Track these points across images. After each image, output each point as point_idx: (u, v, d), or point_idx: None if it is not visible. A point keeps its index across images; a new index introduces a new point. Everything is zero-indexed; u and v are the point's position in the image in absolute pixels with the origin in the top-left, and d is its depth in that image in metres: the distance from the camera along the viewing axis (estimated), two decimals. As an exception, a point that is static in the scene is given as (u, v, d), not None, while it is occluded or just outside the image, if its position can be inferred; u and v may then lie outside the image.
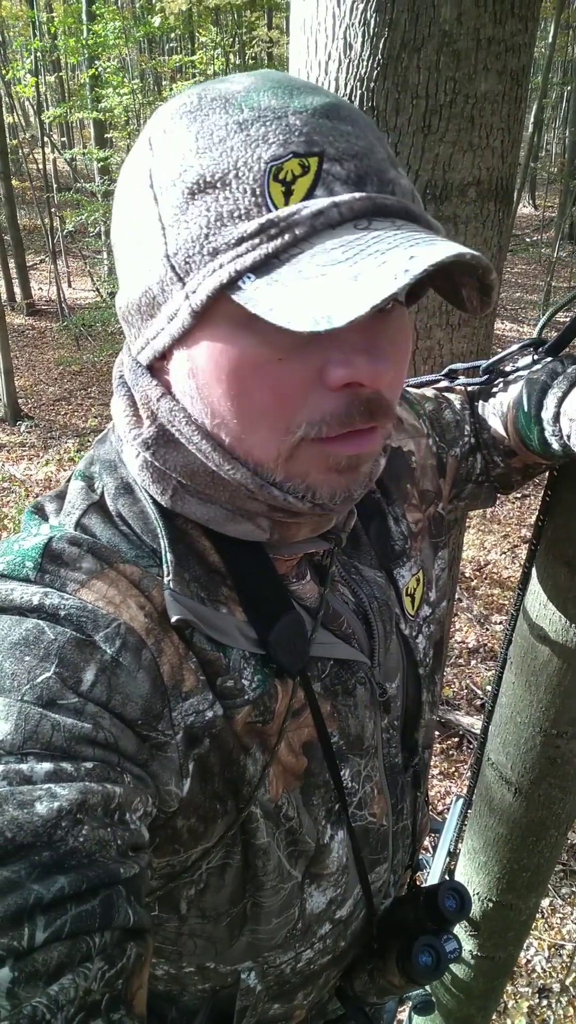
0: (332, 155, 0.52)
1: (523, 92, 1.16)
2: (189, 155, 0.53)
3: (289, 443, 0.57)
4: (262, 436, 0.58)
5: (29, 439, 8.07)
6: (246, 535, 0.65)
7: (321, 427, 0.56)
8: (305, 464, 0.59)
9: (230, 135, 0.53)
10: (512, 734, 1.17)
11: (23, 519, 0.68)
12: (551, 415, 0.80)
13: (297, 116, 0.53)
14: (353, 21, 1.08)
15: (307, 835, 0.72)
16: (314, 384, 0.55)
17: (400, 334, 0.59)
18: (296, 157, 0.52)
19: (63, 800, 0.49)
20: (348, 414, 0.56)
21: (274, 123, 0.52)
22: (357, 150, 0.53)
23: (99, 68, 11.07)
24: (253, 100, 0.54)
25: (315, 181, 0.52)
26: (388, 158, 0.56)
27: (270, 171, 0.51)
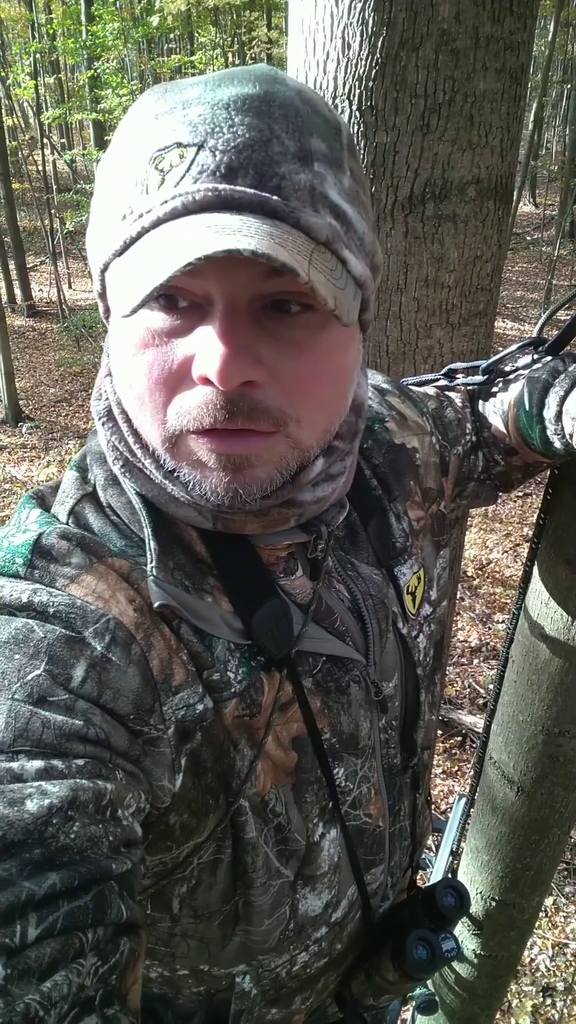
0: (210, 145, 0.52)
1: (522, 90, 1.16)
2: (115, 142, 0.59)
3: (168, 431, 0.58)
4: (148, 419, 0.59)
5: (30, 440, 8.08)
6: (190, 519, 0.65)
7: (184, 419, 0.57)
8: (186, 455, 0.59)
9: (143, 125, 0.56)
10: (514, 733, 1.17)
11: (18, 505, 0.69)
12: (553, 414, 0.79)
13: (200, 107, 0.53)
14: (351, 20, 1.08)
15: (296, 832, 0.72)
16: (185, 374, 0.56)
17: (308, 338, 0.57)
18: (179, 147, 0.53)
19: (54, 797, 0.49)
20: (205, 410, 0.55)
21: (178, 113, 0.54)
22: (241, 142, 0.52)
23: (98, 69, 11.07)
24: (182, 92, 0.55)
25: (186, 172, 0.52)
26: (295, 152, 0.54)
27: (153, 159, 0.53)
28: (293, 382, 0.57)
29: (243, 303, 0.54)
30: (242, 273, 0.52)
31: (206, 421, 0.56)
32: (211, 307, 0.54)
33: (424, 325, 1.27)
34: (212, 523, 0.65)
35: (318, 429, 0.62)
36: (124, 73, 11.99)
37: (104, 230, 0.57)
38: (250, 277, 0.53)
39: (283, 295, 0.55)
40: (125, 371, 0.59)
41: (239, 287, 0.53)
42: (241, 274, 0.52)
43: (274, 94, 0.54)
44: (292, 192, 0.53)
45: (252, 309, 0.55)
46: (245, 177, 0.52)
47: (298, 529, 0.70)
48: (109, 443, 0.66)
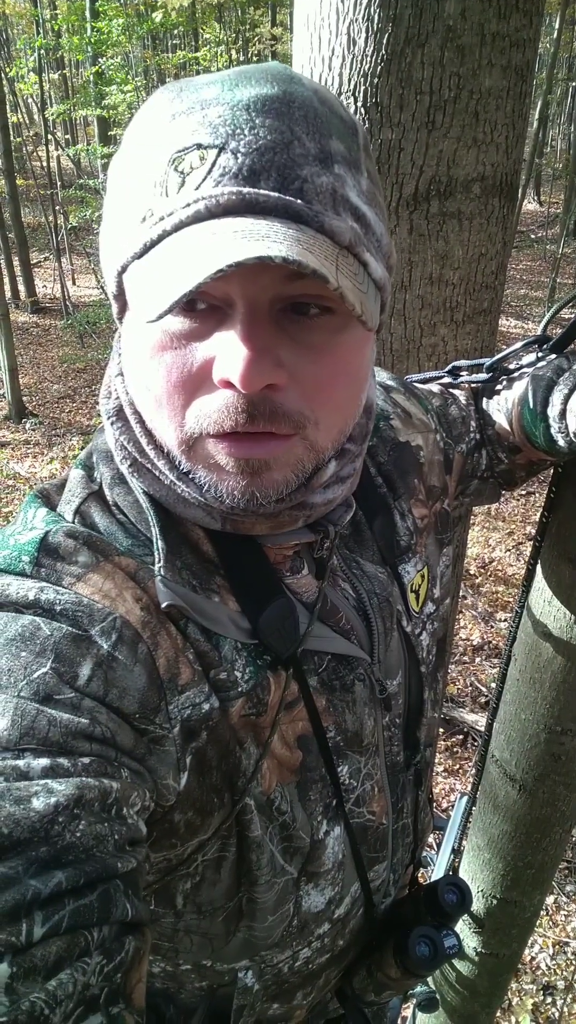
0: (232, 148, 0.52)
1: (527, 87, 1.16)
2: (129, 143, 0.58)
3: (186, 433, 0.58)
4: (164, 421, 0.59)
5: (34, 437, 8.09)
6: (199, 520, 0.65)
7: (203, 422, 0.56)
8: (203, 459, 0.59)
9: (159, 126, 0.55)
10: (516, 731, 1.17)
11: (23, 503, 0.69)
12: (557, 412, 0.79)
13: (219, 108, 0.53)
14: (357, 16, 1.08)
15: (301, 830, 0.72)
16: (205, 377, 0.55)
17: (326, 341, 0.57)
18: (199, 149, 0.52)
19: (60, 795, 0.49)
20: (226, 413, 0.55)
21: (196, 114, 0.53)
22: (263, 144, 0.52)
23: (102, 65, 11.06)
24: (198, 92, 0.55)
25: (207, 174, 0.52)
26: (315, 154, 0.53)
27: (172, 161, 0.53)
28: (312, 385, 0.57)
29: (264, 306, 0.54)
30: (265, 276, 0.52)
31: (227, 425, 0.55)
32: (231, 310, 0.53)
33: (428, 323, 1.26)
34: (221, 524, 0.65)
35: (334, 431, 0.62)
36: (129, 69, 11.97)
37: (121, 231, 0.56)
38: (272, 280, 0.52)
39: (303, 298, 0.55)
40: (141, 373, 0.59)
41: (261, 290, 0.53)
42: (264, 277, 0.52)
43: (293, 94, 0.54)
44: (314, 195, 0.53)
45: (272, 312, 0.54)
46: (268, 180, 0.52)
47: (306, 529, 0.70)
48: (118, 442, 0.66)
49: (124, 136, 0.59)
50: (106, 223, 0.60)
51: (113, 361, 0.67)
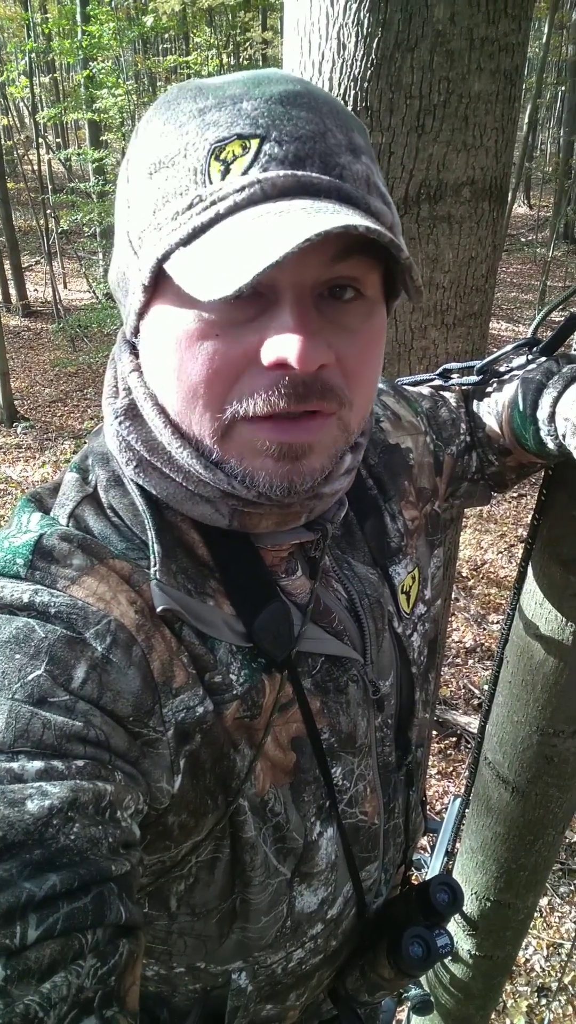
0: (275, 137, 0.53)
1: (517, 92, 1.17)
2: (155, 139, 0.57)
3: (223, 421, 0.58)
4: (199, 410, 0.58)
5: (25, 441, 8.06)
6: (206, 518, 0.65)
7: (249, 404, 0.56)
8: (239, 446, 0.59)
9: (189, 120, 0.55)
10: (509, 733, 1.17)
11: (16, 507, 0.68)
12: (546, 415, 0.80)
13: (251, 101, 0.55)
14: (347, 21, 1.08)
15: (294, 831, 0.72)
16: (250, 362, 0.56)
17: (360, 324, 0.59)
18: (240, 139, 0.53)
19: (54, 798, 0.49)
20: (275, 394, 0.56)
21: (228, 108, 0.54)
22: (303, 133, 0.54)
23: (94, 69, 11.06)
24: (222, 90, 0.56)
25: (253, 161, 0.53)
26: (346, 145, 0.56)
27: (212, 151, 0.54)
28: (352, 366, 0.59)
29: (307, 290, 0.55)
30: (311, 259, 0.53)
31: (278, 404, 0.56)
32: (275, 295, 0.54)
33: (419, 326, 1.27)
34: (228, 521, 0.65)
35: (362, 414, 0.64)
36: (120, 73, 11.96)
37: (156, 222, 0.56)
38: (316, 263, 0.54)
39: (342, 280, 0.57)
40: (173, 364, 0.58)
41: (307, 274, 0.54)
42: (310, 260, 0.53)
43: (315, 91, 0.57)
44: (352, 180, 0.56)
45: (313, 296, 0.56)
46: (312, 166, 0.54)
47: (303, 528, 0.70)
48: (123, 442, 0.65)
49: (139, 138, 0.59)
50: (131, 219, 0.59)
51: (122, 359, 0.66)
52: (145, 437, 0.64)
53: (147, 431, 0.64)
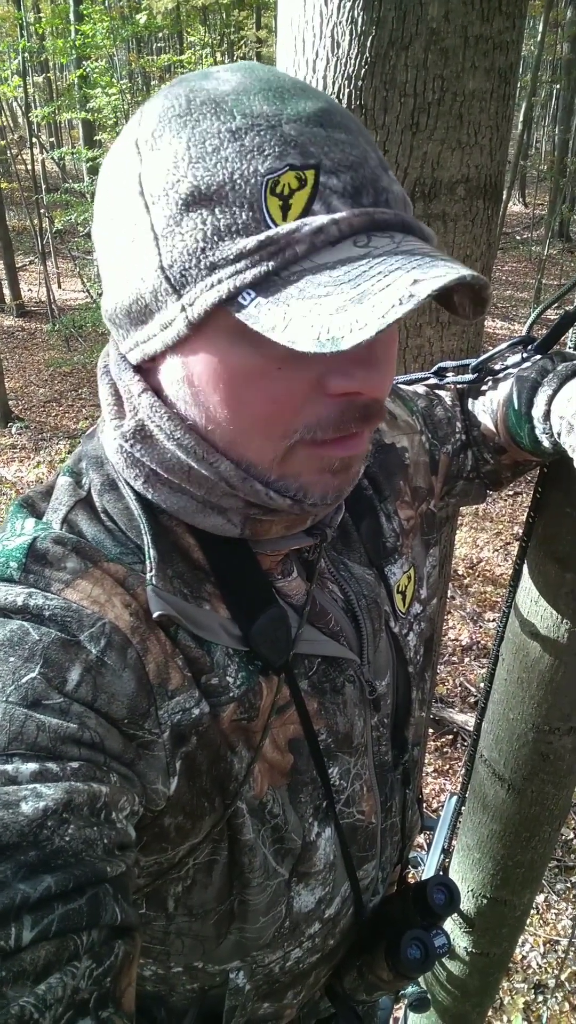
0: (328, 167, 0.52)
1: (511, 89, 1.17)
2: (182, 164, 0.53)
3: (284, 446, 0.58)
4: (258, 441, 0.58)
5: (20, 441, 8.05)
6: (215, 528, 0.65)
7: (316, 431, 0.58)
8: (299, 465, 0.60)
9: (224, 144, 0.52)
10: (505, 731, 1.17)
11: (8, 513, 0.68)
12: (541, 413, 0.80)
13: (291, 125, 0.52)
14: (341, 19, 1.08)
15: (293, 832, 0.72)
16: (312, 392, 0.56)
17: (391, 337, 0.60)
18: (292, 170, 0.51)
19: (49, 800, 0.49)
20: (343, 420, 0.57)
21: (268, 132, 0.52)
22: (352, 160, 0.53)
23: (87, 68, 11.03)
24: (244, 105, 0.53)
25: (312, 195, 0.52)
26: (380, 163, 0.56)
27: (267, 185, 0.51)
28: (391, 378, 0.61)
29: None
30: None
31: (351, 429, 0.58)
32: None
33: (414, 324, 1.27)
34: (240, 530, 0.65)
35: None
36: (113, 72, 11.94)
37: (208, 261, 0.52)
38: None
39: None
40: (227, 398, 0.56)
41: None
42: None
43: (335, 105, 0.56)
44: (397, 204, 0.56)
45: None
46: (367, 195, 0.53)
47: (302, 533, 0.70)
48: (131, 459, 0.63)
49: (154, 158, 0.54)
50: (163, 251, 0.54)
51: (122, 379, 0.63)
52: (159, 458, 0.62)
53: (160, 452, 0.62)
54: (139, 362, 0.61)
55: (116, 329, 0.62)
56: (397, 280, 0.48)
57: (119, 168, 0.58)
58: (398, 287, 0.48)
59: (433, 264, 0.50)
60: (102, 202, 0.60)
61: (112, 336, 0.65)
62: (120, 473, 0.65)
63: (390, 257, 0.51)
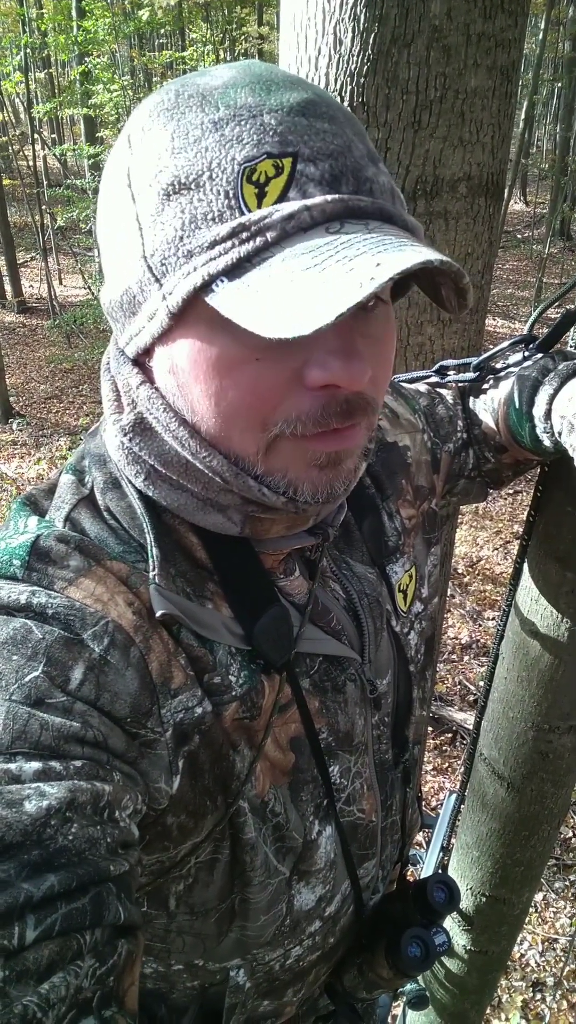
0: (306, 155, 0.52)
1: (513, 88, 1.16)
2: (165, 155, 0.53)
3: (266, 439, 0.58)
4: (239, 432, 0.58)
5: (21, 437, 8.05)
6: (216, 527, 0.65)
7: (297, 425, 0.56)
8: (284, 459, 0.59)
9: (205, 135, 0.52)
10: (504, 729, 1.17)
11: (11, 510, 0.68)
12: (542, 412, 0.80)
13: (272, 114, 0.52)
14: (343, 16, 1.08)
15: (294, 831, 0.72)
16: (292, 383, 0.55)
17: (383, 331, 0.59)
18: (270, 158, 0.51)
19: (52, 799, 0.49)
20: (324, 415, 0.56)
21: (248, 122, 0.52)
22: (333, 149, 0.53)
23: (89, 65, 11.02)
24: (230, 97, 0.53)
25: (288, 183, 0.52)
26: (367, 154, 0.55)
27: (243, 172, 0.51)
28: (379, 372, 0.59)
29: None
30: None
31: (331, 424, 0.57)
32: None
33: (415, 322, 1.27)
34: (240, 528, 0.65)
35: (378, 415, 0.65)
36: (115, 68, 11.93)
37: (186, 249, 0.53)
38: None
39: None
40: (208, 388, 0.56)
41: None
42: None
43: (327, 97, 0.56)
44: (381, 194, 0.55)
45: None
46: (347, 184, 0.53)
47: (304, 533, 0.70)
48: (131, 455, 0.63)
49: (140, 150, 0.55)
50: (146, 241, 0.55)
51: (121, 372, 0.63)
52: (158, 451, 0.62)
53: (159, 445, 0.62)
54: (135, 355, 0.61)
55: (114, 323, 0.63)
56: (361, 265, 0.48)
57: (114, 163, 0.58)
58: (361, 271, 0.47)
59: (400, 248, 0.49)
60: (101, 198, 0.61)
61: (113, 331, 0.65)
62: (122, 471, 0.65)
63: (358, 243, 0.50)
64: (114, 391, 0.65)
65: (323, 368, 0.54)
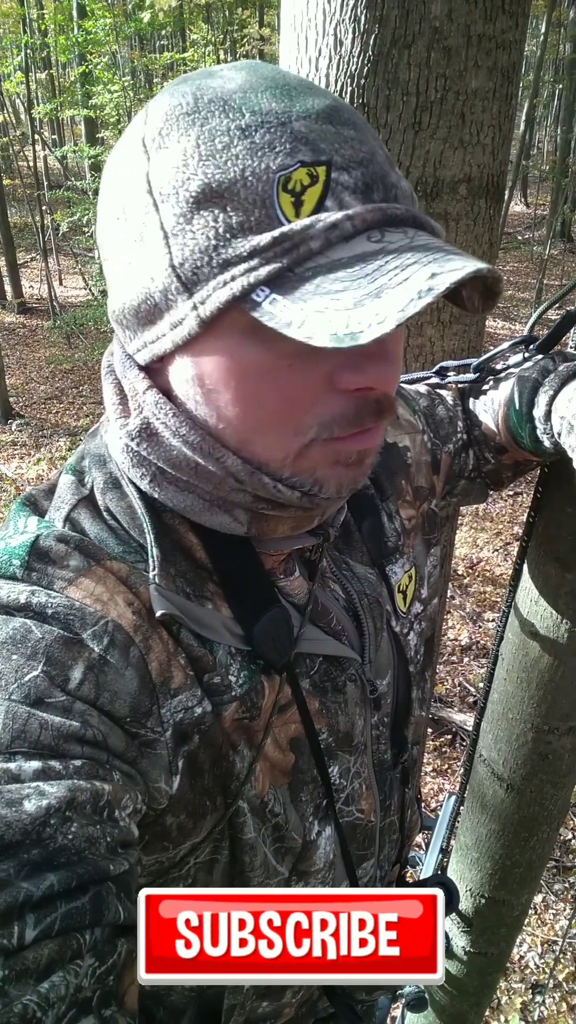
0: (339, 163, 0.52)
1: (514, 89, 1.16)
2: (192, 161, 0.52)
3: (299, 443, 0.58)
4: (271, 439, 0.58)
5: (20, 438, 8.04)
6: (222, 527, 0.65)
7: (332, 428, 0.58)
8: (314, 461, 0.60)
9: (234, 142, 0.52)
10: (504, 730, 1.17)
11: (11, 510, 0.68)
12: (542, 413, 0.80)
13: (301, 122, 0.52)
14: (344, 17, 1.08)
15: (293, 831, 0.72)
16: (324, 388, 0.56)
17: (399, 333, 0.60)
18: (304, 166, 0.51)
19: (52, 798, 0.49)
20: (359, 415, 0.57)
21: (278, 129, 0.52)
22: (362, 156, 0.53)
23: (89, 65, 11.02)
24: (253, 102, 0.53)
25: (324, 191, 0.52)
26: (387, 159, 0.56)
27: (279, 181, 0.51)
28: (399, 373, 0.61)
29: None
30: None
31: (367, 422, 0.58)
32: None
33: (415, 323, 1.27)
34: (247, 528, 0.65)
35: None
36: (116, 69, 11.92)
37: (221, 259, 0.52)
38: None
39: None
40: (239, 395, 0.56)
41: None
42: None
43: (342, 103, 0.57)
44: (405, 199, 0.56)
45: None
46: (378, 191, 0.54)
47: (305, 534, 0.70)
48: (137, 458, 0.63)
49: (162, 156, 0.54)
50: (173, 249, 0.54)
51: (127, 376, 0.63)
52: (165, 456, 0.62)
53: (167, 450, 0.62)
54: (147, 362, 0.61)
55: (123, 330, 0.62)
56: (415, 274, 0.48)
57: (125, 167, 0.57)
58: (416, 281, 0.48)
59: (448, 258, 0.50)
60: (107, 202, 0.59)
61: (117, 336, 0.65)
62: (125, 472, 0.65)
63: (405, 252, 0.51)
64: (118, 394, 0.65)
65: (358, 371, 0.55)
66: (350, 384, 0.55)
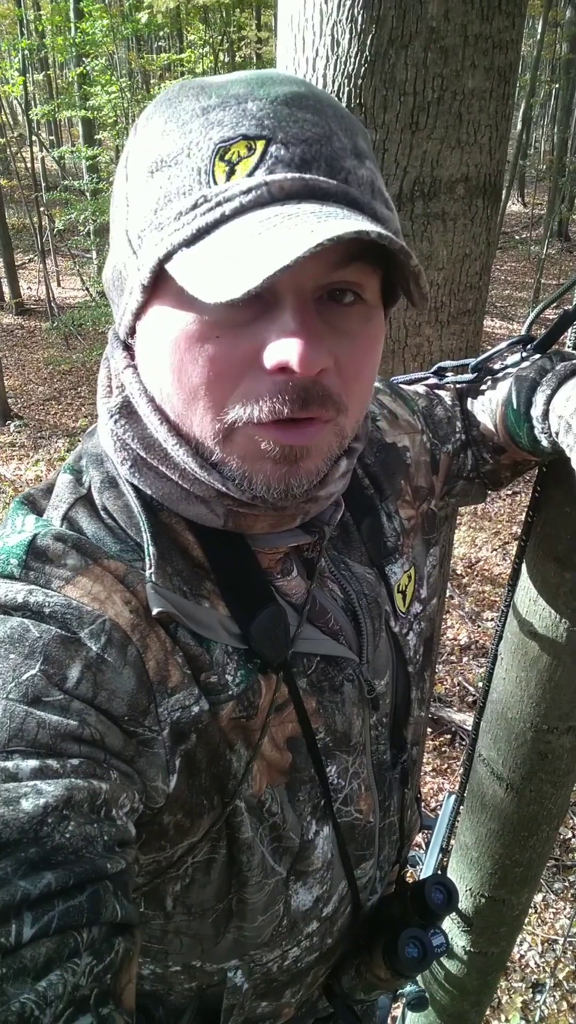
0: (281, 139, 0.53)
1: (510, 89, 1.17)
2: (156, 137, 0.56)
3: (224, 423, 0.58)
4: (199, 412, 0.58)
5: (19, 439, 8.04)
6: (201, 518, 0.65)
7: (253, 409, 0.56)
8: (240, 447, 0.59)
9: (192, 119, 0.55)
10: (503, 730, 1.17)
11: (9, 509, 0.68)
12: (540, 413, 0.80)
13: (256, 102, 0.54)
14: (340, 17, 1.08)
15: (291, 831, 0.72)
16: (250, 365, 0.55)
17: (359, 329, 0.59)
18: (245, 139, 0.53)
19: (49, 796, 0.49)
20: (280, 400, 0.55)
21: (233, 108, 0.54)
22: (309, 136, 0.54)
23: (87, 67, 11.03)
24: (225, 90, 0.55)
25: (258, 162, 0.53)
26: (351, 149, 0.56)
27: (217, 151, 0.53)
28: (350, 370, 0.59)
29: (308, 294, 0.55)
30: (315, 262, 0.53)
31: (283, 411, 0.56)
32: (276, 298, 0.54)
33: (413, 323, 1.27)
34: (223, 521, 0.65)
35: (356, 419, 0.64)
36: (113, 71, 11.92)
37: (157, 222, 0.55)
38: (319, 267, 0.54)
39: (342, 284, 0.57)
40: (172, 364, 0.57)
41: (308, 277, 0.54)
42: (314, 263, 0.53)
43: (319, 94, 0.57)
44: (357, 185, 0.56)
45: (313, 299, 0.56)
46: (318, 169, 0.54)
47: (300, 531, 0.70)
48: (119, 441, 0.64)
49: (139, 135, 0.59)
50: (130, 218, 0.58)
51: (115, 357, 0.65)
52: (141, 435, 0.63)
53: (142, 428, 0.63)
54: (125, 336, 0.63)
55: (113, 306, 0.64)
56: (299, 233, 0.48)
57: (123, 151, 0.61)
58: (294, 239, 0.48)
59: (343, 219, 0.50)
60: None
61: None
62: (115, 465, 0.66)
63: (306, 215, 0.50)
64: (107, 376, 0.67)
65: (277, 348, 0.54)
66: (268, 360, 0.54)
